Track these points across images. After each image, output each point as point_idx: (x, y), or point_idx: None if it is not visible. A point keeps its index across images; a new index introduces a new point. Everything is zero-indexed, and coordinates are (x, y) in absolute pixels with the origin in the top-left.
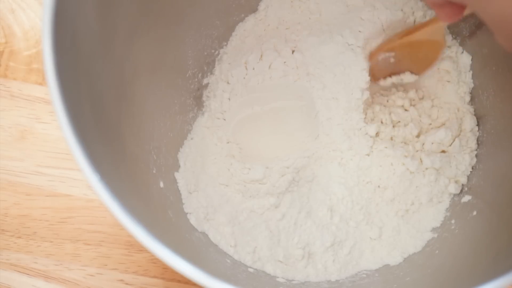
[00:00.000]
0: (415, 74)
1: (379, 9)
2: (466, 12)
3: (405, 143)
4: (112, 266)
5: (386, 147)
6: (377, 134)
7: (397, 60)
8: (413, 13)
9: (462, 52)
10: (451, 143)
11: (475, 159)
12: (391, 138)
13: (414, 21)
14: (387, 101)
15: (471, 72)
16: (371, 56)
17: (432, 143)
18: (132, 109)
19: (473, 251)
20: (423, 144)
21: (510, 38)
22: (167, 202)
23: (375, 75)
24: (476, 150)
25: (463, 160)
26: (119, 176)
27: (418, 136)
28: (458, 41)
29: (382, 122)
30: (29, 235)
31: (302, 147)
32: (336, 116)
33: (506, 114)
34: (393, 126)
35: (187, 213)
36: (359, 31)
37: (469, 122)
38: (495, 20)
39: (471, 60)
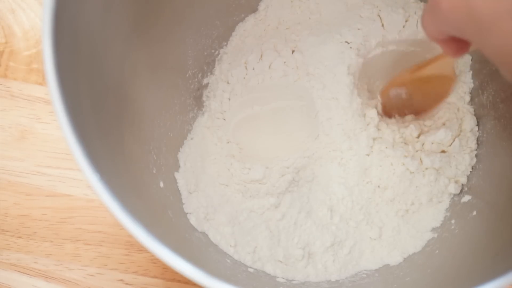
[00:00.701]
0: (427, 110)
1: (378, 7)
2: (473, 47)
3: (405, 143)
4: (112, 266)
5: (386, 147)
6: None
7: (408, 96)
8: (415, 12)
9: None
10: (451, 143)
11: (475, 159)
12: (392, 139)
13: (417, 23)
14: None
15: (471, 72)
16: (382, 93)
17: (432, 143)
18: (132, 109)
19: (473, 251)
20: (423, 144)
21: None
22: (167, 202)
23: (387, 111)
24: (476, 150)
25: (463, 160)
26: (119, 176)
27: (418, 136)
28: None
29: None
30: (29, 235)
31: (302, 147)
32: (336, 116)
33: (506, 114)
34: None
35: (187, 213)
36: (358, 29)
37: (469, 122)
38: (497, 54)
39: (471, 60)
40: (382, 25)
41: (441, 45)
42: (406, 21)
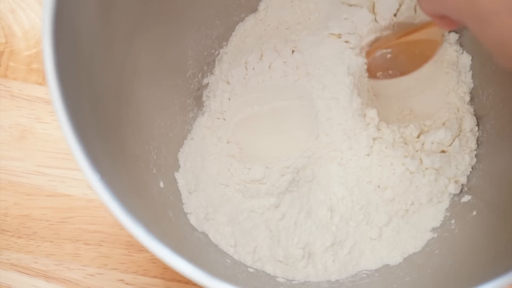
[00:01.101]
0: (411, 70)
1: None
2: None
3: (405, 143)
4: (112, 266)
5: (386, 147)
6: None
7: (393, 56)
8: None
9: (462, 52)
10: (451, 143)
11: (475, 159)
12: (392, 139)
13: (415, 7)
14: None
15: (471, 72)
16: (368, 53)
17: (432, 143)
18: (132, 109)
19: (473, 251)
20: (423, 144)
21: (509, 59)
22: (167, 202)
23: (372, 71)
24: (476, 150)
25: (463, 160)
26: (119, 176)
27: (418, 136)
28: (458, 41)
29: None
30: (29, 235)
31: (302, 147)
32: (336, 116)
33: (506, 114)
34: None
35: (187, 213)
36: (345, 18)
37: (469, 122)
38: (494, 43)
39: (471, 60)
40: (373, 10)
41: (435, 19)
42: (400, 5)
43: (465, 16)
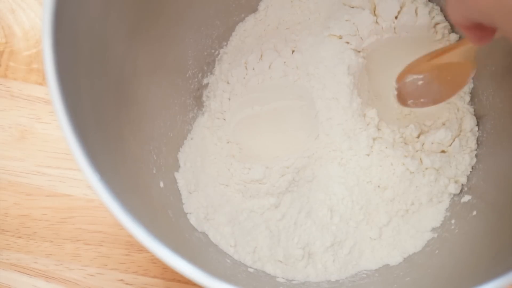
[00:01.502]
0: (444, 99)
1: None
2: (497, 35)
3: (405, 143)
4: (112, 266)
5: (386, 147)
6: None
7: (425, 83)
8: (411, 1)
9: None
10: (451, 143)
11: (475, 159)
12: (392, 139)
13: (416, 10)
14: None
15: None
16: (399, 78)
17: (432, 143)
18: (132, 109)
19: (473, 251)
20: (423, 144)
21: None
22: (167, 202)
23: (402, 98)
24: (476, 150)
25: (463, 160)
26: (119, 176)
27: (418, 136)
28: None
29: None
30: (29, 235)
31: (302, 147)
32: (336, 116)
33: (506, 114)
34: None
35: (187, 213)
36: (346, 20)
37: (469, 122)
38: None
39: None
40: (374, 12)
41: (466, 31)
42: (401, 7)
43: (496, 14)
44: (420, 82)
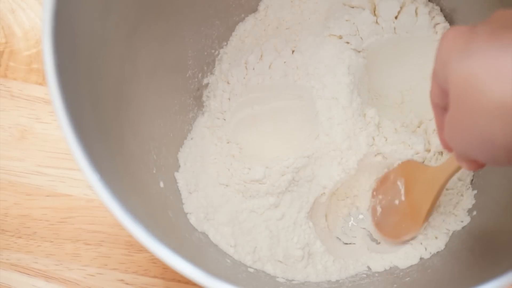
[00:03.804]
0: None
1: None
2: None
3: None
4: (112, 266)
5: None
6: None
7: (396, 208)
8: (411, 1)
9: None
10: None
11: None
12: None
13: (416, 10)
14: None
15: None
16: (375, 190)
17: (434, 130)
18: (132, 109)
19: (473, 251)
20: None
21: None
22: (167, 202)
23: (379, 188)
24: None
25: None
26: (119, 176)
27: (419, 126)
28: None
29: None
30: (29, 235)
31: (302, 147)
32: (336, 116)
33: None
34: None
35: (187, 213)
36: (346, 20)
37: None
38: None
39: None
40: (374, 12)
41: (435, 114)
42: (401, 7)
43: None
44: (396, 202)
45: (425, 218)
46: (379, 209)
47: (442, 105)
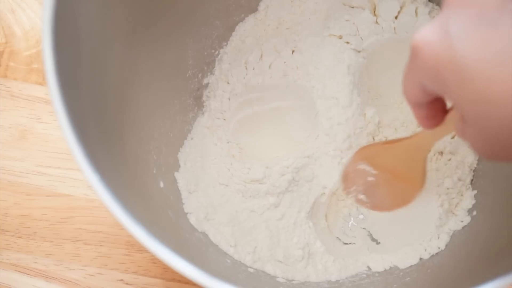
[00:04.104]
0: (383, 208)
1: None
2: (448, 117)
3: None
4: (112, 266)
5: None
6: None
7: (374, 183)
8: (411, 1)
9: None
10: (454, 136)
11: (475, 162)
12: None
13: (416, 10)
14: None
15: None
16: (352, 161)
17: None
18: (132, 109)
19: (473, 251)
20: None
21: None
22: (167, 202)
23: (346, 181)
24: None
25: (469, 155)
26: (119, 176)
27: (419, 126)
28: None
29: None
30: (29, 235)
31: (302, 147)
32: (336, 116)
33: None
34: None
35: (187, 213)
36: (346, 20)
37: None
38: (473, 109)
39: None
40: (374, 13)
41: (415, 109)
42: (401, 7)
43: (447, 76)
44: (370, 179)
45: (422, 179)
46: (362, 197)
47: (423, 102)
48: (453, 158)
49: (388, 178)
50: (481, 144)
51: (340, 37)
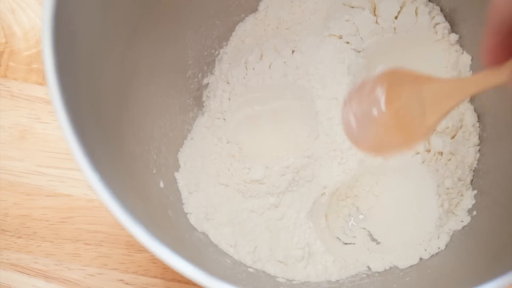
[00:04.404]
0: (378, 150)
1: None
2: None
3: None
4: (112, 266)
5: None
6: None
7: (375, 118)
8: (411, 1)
9: (462, 52)
10: (454, 135)
11: (478, 154)
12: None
13: (416, 10)
14: None
15: (471, 72)
16: (358, 88)
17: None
18: (132, 109)
19: (473, 251)
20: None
21: None
22: (167, 202)
23: (352, 97)
24: (479, 145)
25: (468, 154)
26: (119, 176)
27: None
28: (458, 41)
29: None
30: (29, 235)
31: (302, 147)
32: (336, 116)
33: (506, 113)
34: None
35: (187, 213)
36: (346, 20)
37: (470, 118)
38: None
39: (471, 60)
40: (374, 12)
41: (494, 34)
42: (401, 7)
43: None
44: (374, 112)
45: (425, 133)
46: (353, 120)
47: (506, 27)
48: (453, 158)
49: (390, 123)
50: None
51: (340, 37)
